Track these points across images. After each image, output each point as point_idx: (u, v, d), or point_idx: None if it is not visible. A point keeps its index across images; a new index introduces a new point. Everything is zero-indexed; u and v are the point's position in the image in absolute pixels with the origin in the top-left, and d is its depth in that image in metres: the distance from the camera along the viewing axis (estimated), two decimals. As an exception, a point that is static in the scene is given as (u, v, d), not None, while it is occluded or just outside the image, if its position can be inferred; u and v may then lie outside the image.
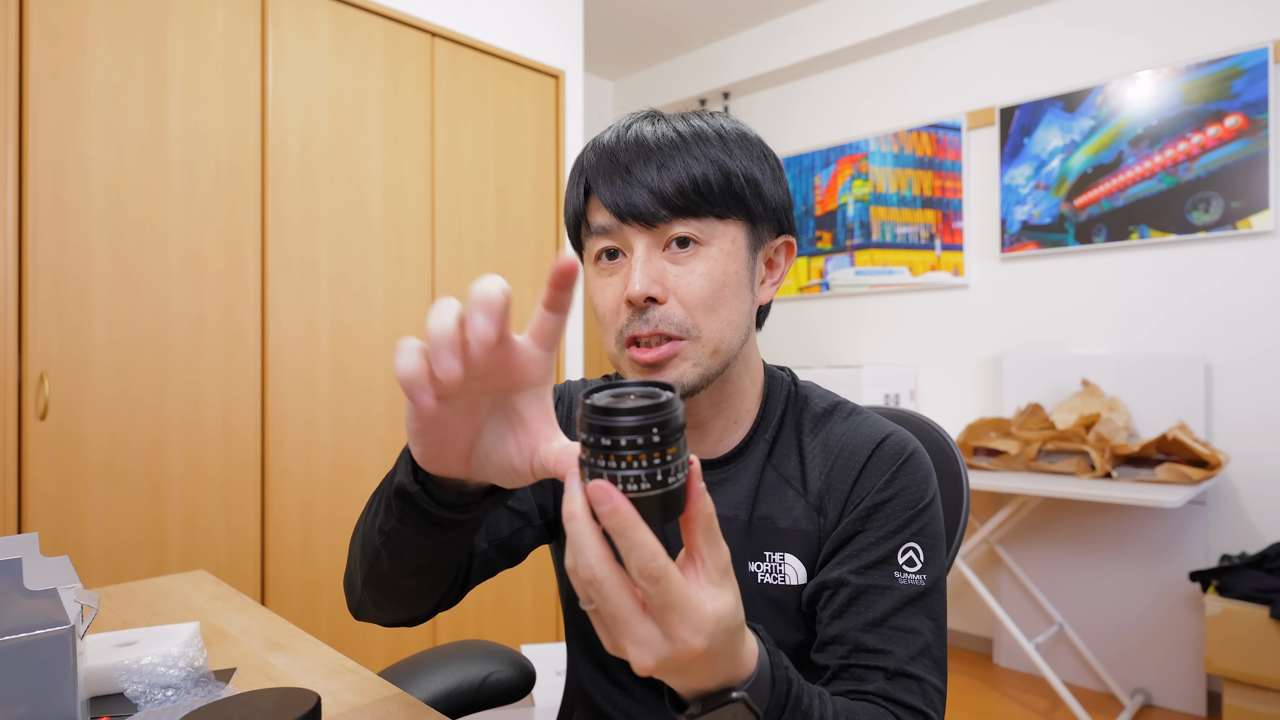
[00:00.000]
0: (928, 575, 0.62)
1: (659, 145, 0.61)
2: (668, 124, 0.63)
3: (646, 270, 0.60)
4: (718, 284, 0.61)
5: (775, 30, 3.30)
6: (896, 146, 3.01)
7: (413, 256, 2.15)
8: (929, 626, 0.61)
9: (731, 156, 0.62)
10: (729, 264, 0.62)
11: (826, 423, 0.70)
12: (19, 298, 1.52)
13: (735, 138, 0.63)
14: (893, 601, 0.60)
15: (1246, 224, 2.23)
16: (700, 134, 0.62)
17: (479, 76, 2.33)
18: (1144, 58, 2.43)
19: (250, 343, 1.83)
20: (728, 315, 0.62)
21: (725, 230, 0.62)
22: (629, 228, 0.61)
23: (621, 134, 0.63)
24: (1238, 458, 2.26)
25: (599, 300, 0.64)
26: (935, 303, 2.94)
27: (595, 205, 0.63)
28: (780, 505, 0.67)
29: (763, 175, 0.64)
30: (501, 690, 0.90)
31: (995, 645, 2.68)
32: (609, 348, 0.64)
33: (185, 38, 1.73)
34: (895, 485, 0.64)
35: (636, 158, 0.60)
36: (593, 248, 0.64)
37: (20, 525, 1.51)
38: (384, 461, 2.08)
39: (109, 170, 1.63)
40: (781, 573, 0.66)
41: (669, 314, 0.60)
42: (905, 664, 0.58)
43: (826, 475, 0.66)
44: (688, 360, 0.61)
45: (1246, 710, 1.93)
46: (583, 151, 0.66)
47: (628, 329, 0.61)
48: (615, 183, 0.60)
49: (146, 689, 0.67)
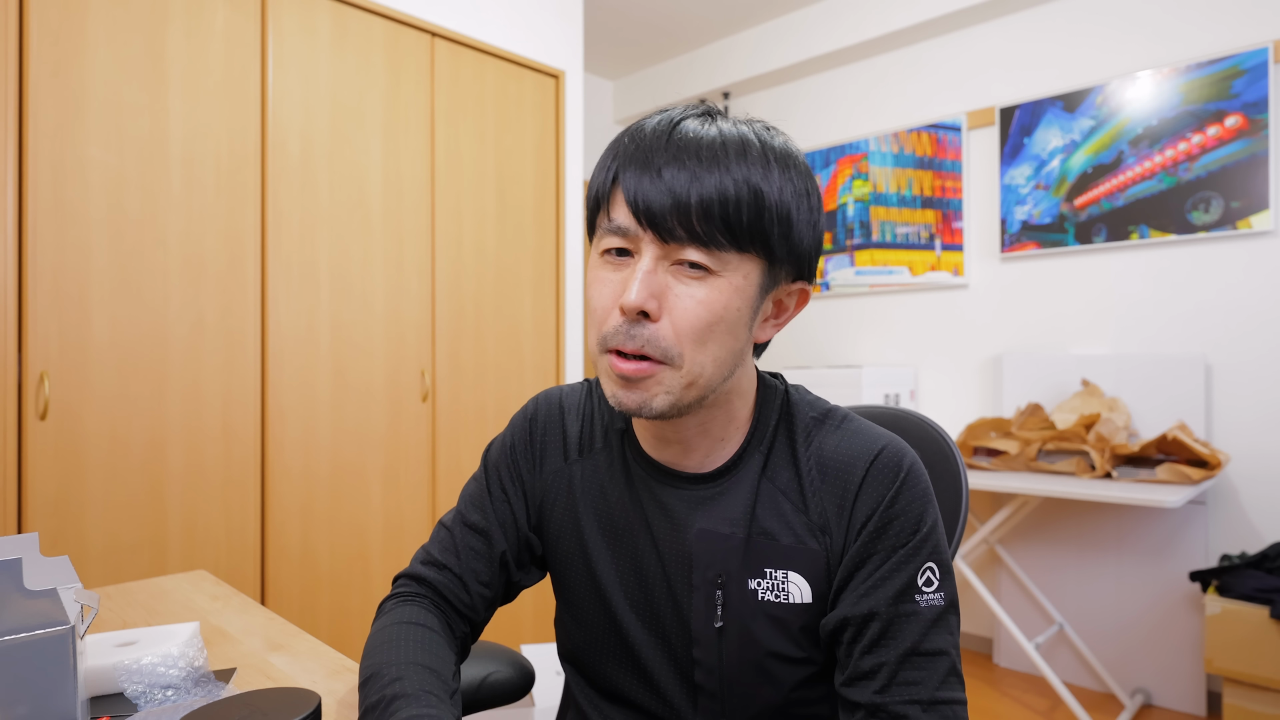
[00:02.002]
0: (945, 592, 0.62)
1: (700, 151, 0.57)
2: (718, 127, 0.59)
3: (647, 283, 0.57)
4: (715, 317, 0.58)
5: (775, 30, 3.30)
6: (896, 146, 3.01)
7: (413, 256, 2.15)
8: (951, 643, 0.61)
9: (770, 187, 0.58)
10: (733, 299, 0.59)
11: (818, 433, 0.68)
12: (19, 298, 1.52)
13: (782, 160, 0.60)
14: (920, 628, 0.60)
15: (1246, 224, 2.23)
16: (745, 147, 0.58)
17: (479, 76, 2.33)
18: (1144, 57, 2.43)
19: (250, 343, 1.83)
20: (715, 351, 0.59)
21: (740, 265, 0.59)
22: (644, 234, 0.58)
23: (668, 127, 0.59)
24: (1238, 458, 2.26)
25: (595, 293, 0.61)
26: (935, 303, 2.94)
27: (617, 197, 0.60)
28: (779, 521, 0.66)
29: (798, 215, 0.60)
30: (501, 690, 0.90)
31: (995, 645, 2.68)
32: (591, 345, 0.63)
33: (185, 37, 1.73)
34: (898, 504, 0.63)
35: (672, 161, 0.57)
36: (605, 242, 0.61)
37: (20, 525, 1.51)
38: (384, 461, 2.08)
39: (109, 170, 1.63)
40: (785, 590, 0.65)
41: (658, 336, 0.58)
42: (937, 690, 0.59)
43: (824, 491, 0.65)
44: (661, 386, 0.59)
45: (1246, 710, 1.93)
46: (623, 133, 0.62)
47: (613, 338, 0.59)
48: (643, 181, 0.57)
49: (146, 689, 0.67)
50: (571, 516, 0.73)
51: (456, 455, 2.27)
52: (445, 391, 2.24)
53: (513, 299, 2.43)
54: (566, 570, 0.74)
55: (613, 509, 0.71)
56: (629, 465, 0.71)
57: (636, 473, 0.70)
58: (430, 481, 2.20)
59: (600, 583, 0.71)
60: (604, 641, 0.72)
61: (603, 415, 0.75)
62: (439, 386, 2.22)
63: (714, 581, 0.66)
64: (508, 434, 0.78)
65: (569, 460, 0.74)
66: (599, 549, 0.71)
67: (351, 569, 2.01)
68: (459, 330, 2.28)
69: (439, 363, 2.22)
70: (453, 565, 0.72)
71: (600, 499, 0.72)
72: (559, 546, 0.74)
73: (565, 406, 0.77)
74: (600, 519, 0.72)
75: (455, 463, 2.26)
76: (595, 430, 0.75)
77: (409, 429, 2.14)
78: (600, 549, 0.71)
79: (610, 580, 0.70)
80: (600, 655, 0.73)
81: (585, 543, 0.72)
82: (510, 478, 0.75)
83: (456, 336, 2.27)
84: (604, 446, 0.74)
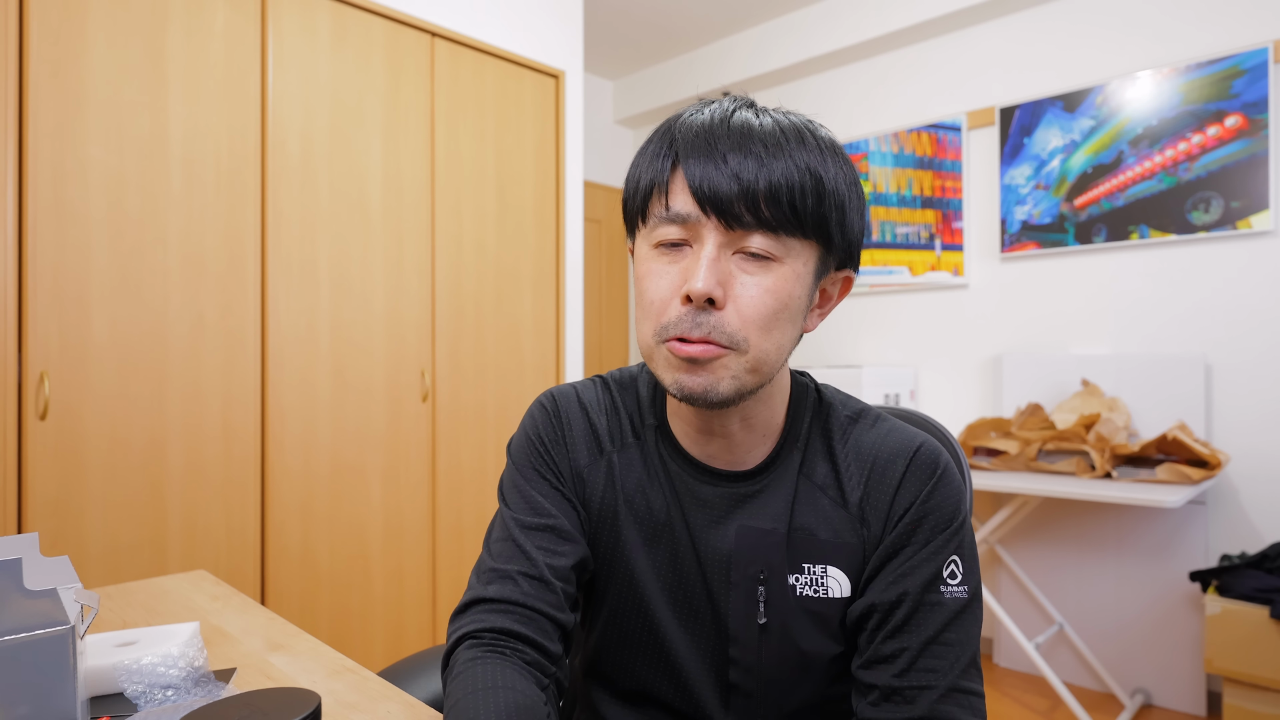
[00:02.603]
0: (969, 586, 0.63)
1: (763, 138, 0.57)
2: (770, 117, 0.59)
3: (714, 269, 0.56)
4: (780, 304, 0.58)
5: (775, 30, 3.30)
6: (896, 146, 3.01)
7: (413, 256, 2.15)
8: (974, 636, 0.62)
9: (828, 174, 0.58)
10: (795, 287, 0.59)
11: (853, 429, 0.69)
12: (19, 298, 1.52)
13: (832, 152, 0.60)
14: (943, 617, 0.61)
15: (1246, 224, 2.23)
16: (801, 136, 0.58)
17: (479, 76, 2.33)
18: (1144, 57, 2.43)
19: (250, 343, 1.83)
20: (778, 338, 0.59)
21: (801, 251, 0.59)
22: (707, 221, 0.57)
23: (725, 116, 0.59)
24: (1238, 458, 2.26)
25: (649, 285, 0.59)
26: (935, 303, 2.94)
27: (678, 185, 0.58)
28: (818, 516, 0.66)
29: (850, 202, 0.61)
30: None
31: (995, 645, 2.68)
32: (644, 339, 0.61)
33: (185, 37, 1.73)
34: (935, 498, 0.64)
35: (736, 148, 0.56)
36: (660, 234, 0.59)
37: (20, 525, 1.51)
38: (384, 461, 2.08)
39: (109, 170, 1.63)
40: (824, 585, 0.65)
41: (724, 322, 0.57)
42: (958, 679, 0.60)
43: (864, 485, 0.66)
44: (728, 371, 0.58)
45: (1246, 710, 1.93)
46: (669, 124, 0.61)
47: (676, 326, 0.57)
48: (708, 167, 0.56)
49: (146, 689, 0.67)
50: (610, 510, 0.71)
51: (456, 455, 2.27)
52: (445, 391, 2.24)
53: (513, 298, 2.43)
54: (601, 564, 0.71)
55: (651, 503, 0.70)
56: (665, 461, 0.70)
57: (673, 469, 0.69)
58: (430, 481, 2.20)
59: (636, 578, 0.69)
60: (635, 638, 0.71)
61: (628, 410, 0.73)
62: (439, 386, 2.22)
63: (756, 578, 0.66)
64: (530, 427, 0.73)
65: (605, 452, 0.72)
66: (635, 544, 0.70)
67: (351, 569, 2.01)
68: (459, 330, 2.28)
69: (439, 362, 2.22)
70: (527, 570, 0.64)
71: (637, 493, 0.70)
72: (597, 539, 0.71)
73: (585, 401, 0.74)
74: (637, 514, 0.70)
75: (455, 462, 2.26)
76: (623, 424, 0.72)
77: (409, 428, 2.14)
78: (636, 544, 0.69)
79: (646, 576, 0.69)
80: (629, 652, 0.71)
81: (621, 537, 0.70)
82: (549, 466, 0.71)
83: (456, 336, 2.27)
84: (635, 441, 0.72)
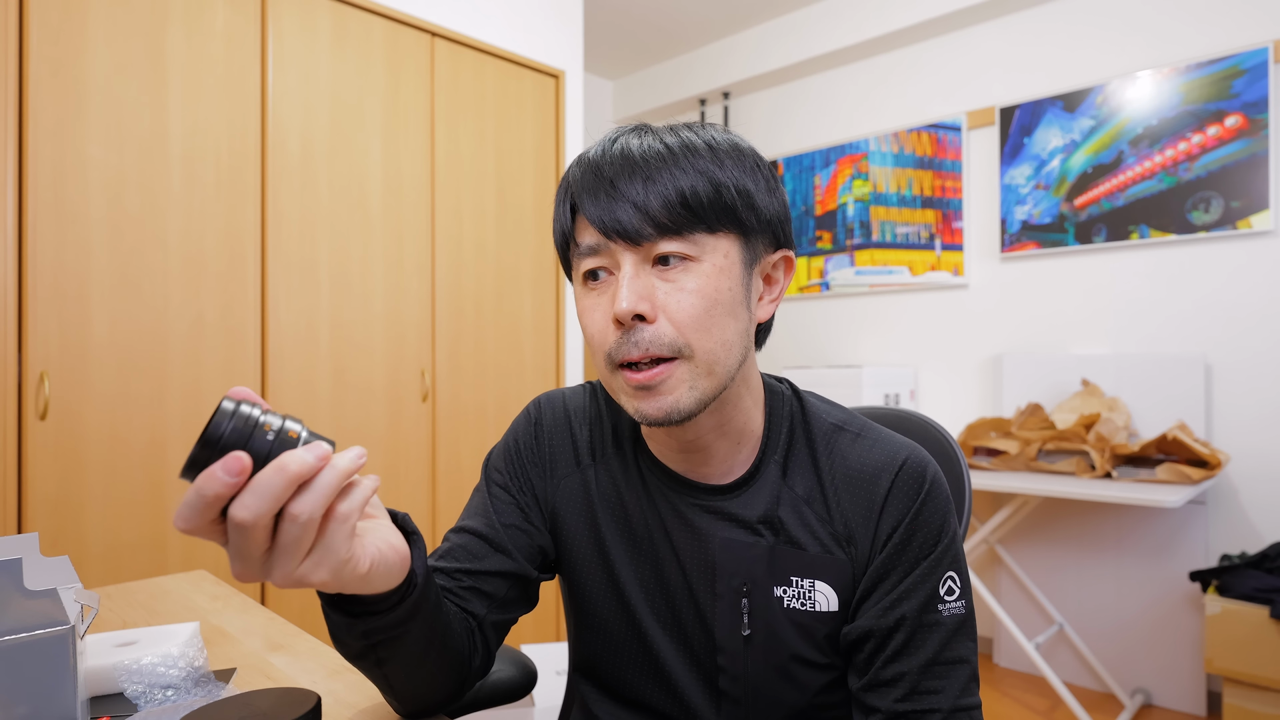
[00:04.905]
0: (965, 599, 0.63)
1: (645, 159, 0.58)
2: (655, 136, 0.61)
3: (634, 287, 0.57)
4: (710, 301, 0.58)
5: (775, 30, 3.30)
6: (896, 146, 3.01)
7: (413, 256, 2.15)
8: (971, 649, 0.63)
9: (722, 168, 0.59)
10: (721, 280, 0.59)
11: (838, 441, 0.68)
12: (19, 298, 1.52)
13: (726, 149, 0.61)
14: (943, 636, 0.61)
15: (1246, 224, 2.23)
16: (689, 146, 0.59)
17: (479, 76, 2.33)
18: (1144, 57, 2.43)
19: (250, 343, 1.83)
20: (720, 335, 0.59)
21: (717, 245, 0.59)
22: (615, 245, 0.58)
23: (607, 148, 0.61)
24: (1238, 458, 2.26)
25: (587, 322, 0.61)
26: (935, 303, 2.94)
27: (582, 224, 0.61)
28: (804, 530, 0.66)
29: (755, 186, 0.61)
30: (502, 690, 0.89)
31: (995, 645, 2.68)
32: (600, 371, 0.62)
33: (185, 36, 1.73)
34: (923, 515, 0.63)
35: (621, 172, 0.58)
36: (580, 267, 0.62)
37: (20, 525, 1.51)
38: (384, 461, 2.08)
39: (109, 169, 1.62)
40: (811, 599, 0.65)
41: (659, 334, 0.57)
42: (959, 698, 0.60)
43: (848, 501, 0.65)
44: (684, 383, 0.58)
45: (1246, 710, 1.93)
46: (569, 168, 0.64)
47: (617, 351, 0.59)
48: (600, 199, 0.58)
49: (146, 689, 0.67)
50: (590, 522, 0.72)
51: (456, 455, 2.26)
52: (445, 391, 2.24)
53: (513, 298, 2.43)
54: (585, 576, 0.72)
55: (631, 516, 0.70)
56: (644, 474, 0.70)
57: (653, 481, 0.70)
58: (430, 481, 2.20)
59: (622, 589, 0.70)
60: (625, 648, 0.71)
61: (611, 420, 0.74)
62: (439, 386, 2.22)
63: (739, 590, 0.66)
64: (510, 438, 0.76)
65: (582, 465, 0.73)
66: (620, 555, 0.70)
67: (351, 569, 2.00)
68: (459, 330, 2.28)
69: (439, 362, 2.22)
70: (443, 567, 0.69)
71: (618, 505, 0.71)
72: (576, 552, 0.72)
73: (571, 410, 0.75)
74: (620, 525, 0.71)
75: (455, 462, 2.26)
76: (605, 435, 0.74)
77: (409, 428, 2.14)
78: (621, 555, 0.70)
79: (632, 586, 0.70)
80: (620, 662, 0.72)
81: (606, 548, 0.71)
82: (517, 481, 0.73)
83: (456, 336, 2.27)
84: (616, 452, 0.72)
